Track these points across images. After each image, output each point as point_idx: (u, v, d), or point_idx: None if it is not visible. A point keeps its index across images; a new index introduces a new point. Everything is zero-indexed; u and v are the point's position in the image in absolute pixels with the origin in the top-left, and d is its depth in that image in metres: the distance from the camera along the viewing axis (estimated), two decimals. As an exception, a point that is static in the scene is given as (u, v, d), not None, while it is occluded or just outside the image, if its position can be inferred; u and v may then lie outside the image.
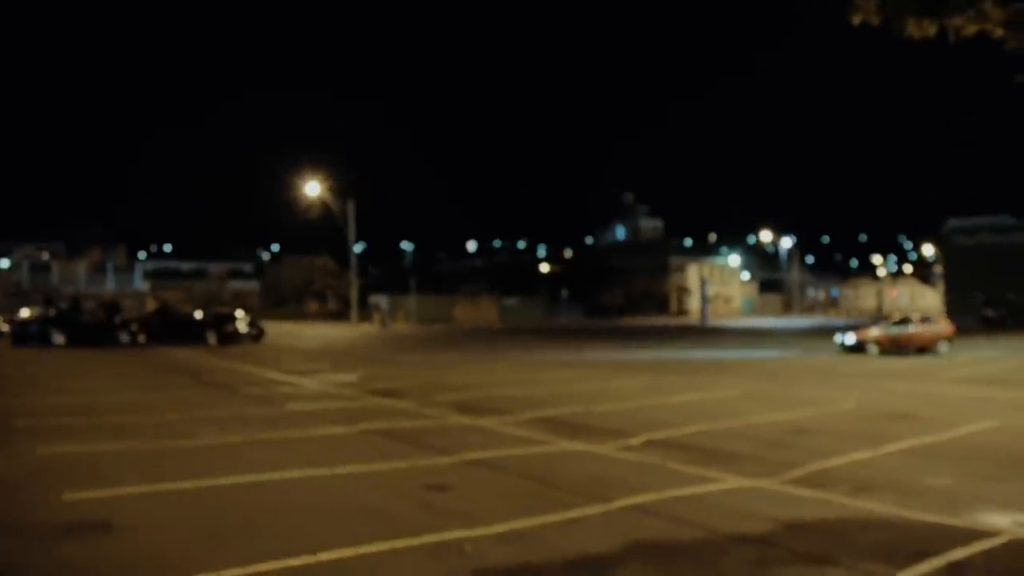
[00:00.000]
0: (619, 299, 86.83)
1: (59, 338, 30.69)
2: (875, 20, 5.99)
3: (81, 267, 58.74)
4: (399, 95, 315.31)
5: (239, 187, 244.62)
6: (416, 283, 66.93)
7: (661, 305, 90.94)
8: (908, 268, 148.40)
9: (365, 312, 60.28)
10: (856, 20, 6.06)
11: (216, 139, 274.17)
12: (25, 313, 33.05)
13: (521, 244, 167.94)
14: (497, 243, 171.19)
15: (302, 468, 9.88)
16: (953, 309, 63.37)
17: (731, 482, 9.38)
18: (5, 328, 31.48)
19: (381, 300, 63.23)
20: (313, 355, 30.46)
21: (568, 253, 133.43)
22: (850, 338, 31.05)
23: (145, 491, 8.60)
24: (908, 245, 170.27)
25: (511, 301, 75.01)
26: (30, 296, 42.71)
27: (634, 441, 11.98)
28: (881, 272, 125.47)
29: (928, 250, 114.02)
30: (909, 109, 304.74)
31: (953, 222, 66.65)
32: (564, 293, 73.41)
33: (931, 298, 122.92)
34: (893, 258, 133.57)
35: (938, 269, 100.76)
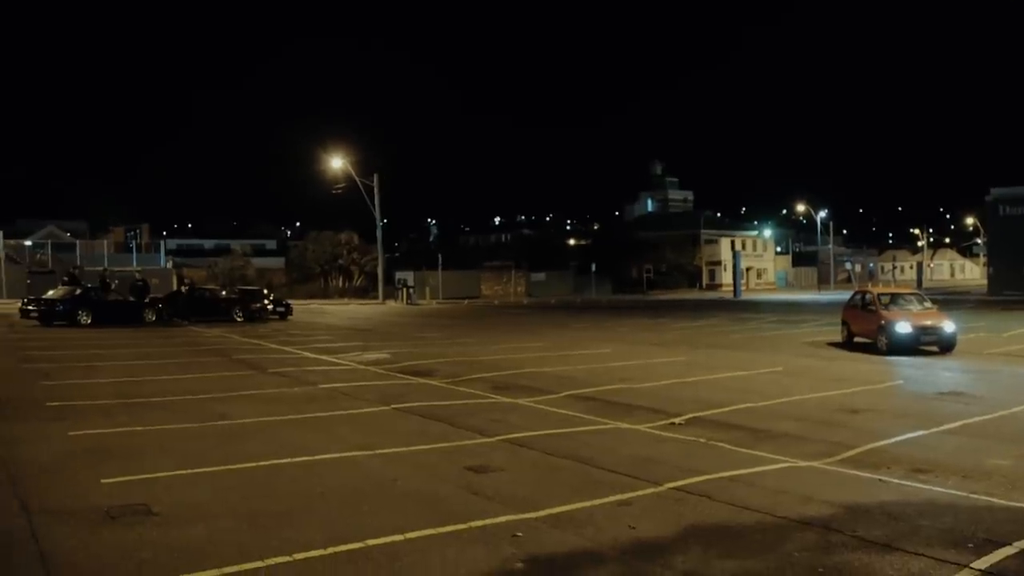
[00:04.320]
0: (649, 273, 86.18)
1: (86, 317, 30.68)
2: None
3: (105, 246, 58.77)
4: (423, 68, 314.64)
5: (261, 164, 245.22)
6: (441, 259, 66.62)
7: (692, 279, 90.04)
8: (947, 240, 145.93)
9: (391, 288, 60.10)
10: None
11: (237, 116, 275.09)
12: (52, 292, 33.02)
13: (547, 218, 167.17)
14: (521, 218, 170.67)
15: (341, 449, 9.69)
16: (997, 282, 62.14)
17: (783, 463, 9.10)
18: (32, 308, 31.36)
19: (407, 276, 62.98)
20: (341, 333, 30.34)
21: (596, 227, 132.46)
22: None
23: (183, 474, 8.42)
24: (947, 216, 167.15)
25: (539, 276, 74.50)
26: (55, 275, 42.66)
27: (678, 420, 11.70)
28: (920, 244, 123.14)
29: (970, 221, 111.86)
30: (950, 74, 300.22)
31: (997, 191, 64.82)
32: (592, 267, 72.67)
33: (971, 270, 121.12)
34: (930, 230, 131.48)
35: (980, 240, 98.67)
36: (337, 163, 56.19)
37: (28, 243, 58.91)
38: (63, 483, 8.10)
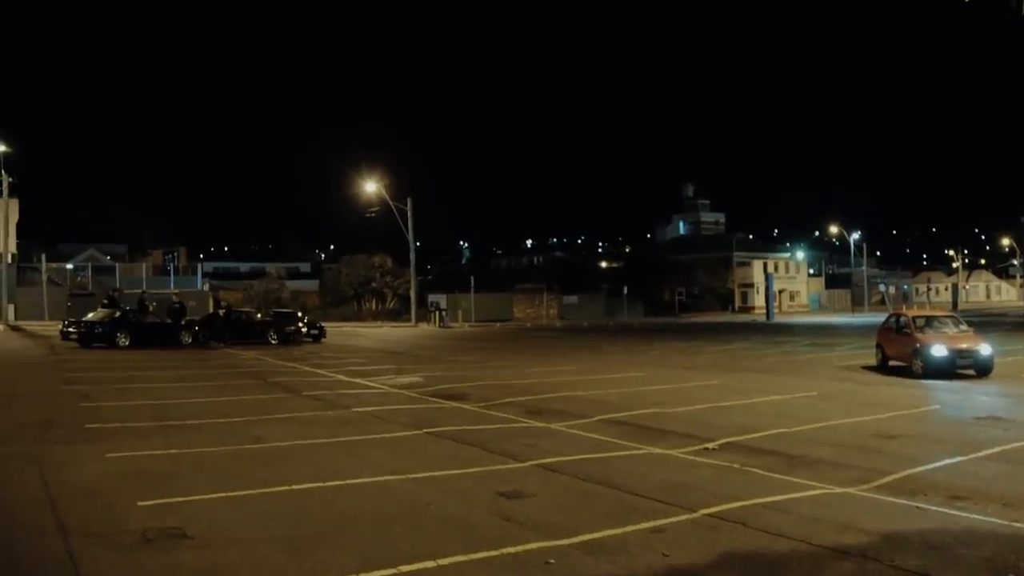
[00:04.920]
0: (681, 296, 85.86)
1: (125, 339, 31.10)
2: None
3: (144, 268, 59.86)
4: (454, 90, 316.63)
5: (295, 187, 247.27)
6: (474, 281, 66.82)
7: (724, 301, 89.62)
8: (983, 261, 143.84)
9: (423, 311, 60.32)
10: None
11: (272, 140, 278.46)
12: (92, 315, 33.54)
13: (579, 241, 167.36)
14: (553, 240, 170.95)
15: (374, 473, 9.72)
16: None
17: (818, 489, 9.00)
18: (72, 330, 31.91)
19: (440, 299, 63.21)
20: (374, 356, 30.48)
21: (627, 249, 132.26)
22: None
23: (218, 497, 8.48)
24: (983, 237, 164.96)
25: (571, 299, 74.47)
26: (95, 298, 43.41)
27: (711, 445, 11.62)
28: (956, 265, 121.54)
29: (1005, 242, 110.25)
30: (987, 95, 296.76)
31: None
32: (624, 290, 72.59)
33: (1008, 292, 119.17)
34: (965, 251, 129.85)
35: (1016, 262, 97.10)
36: (371, 187, 56.73)
37: (69, 266, 60.18)
38: (100, 505, 8.20)
